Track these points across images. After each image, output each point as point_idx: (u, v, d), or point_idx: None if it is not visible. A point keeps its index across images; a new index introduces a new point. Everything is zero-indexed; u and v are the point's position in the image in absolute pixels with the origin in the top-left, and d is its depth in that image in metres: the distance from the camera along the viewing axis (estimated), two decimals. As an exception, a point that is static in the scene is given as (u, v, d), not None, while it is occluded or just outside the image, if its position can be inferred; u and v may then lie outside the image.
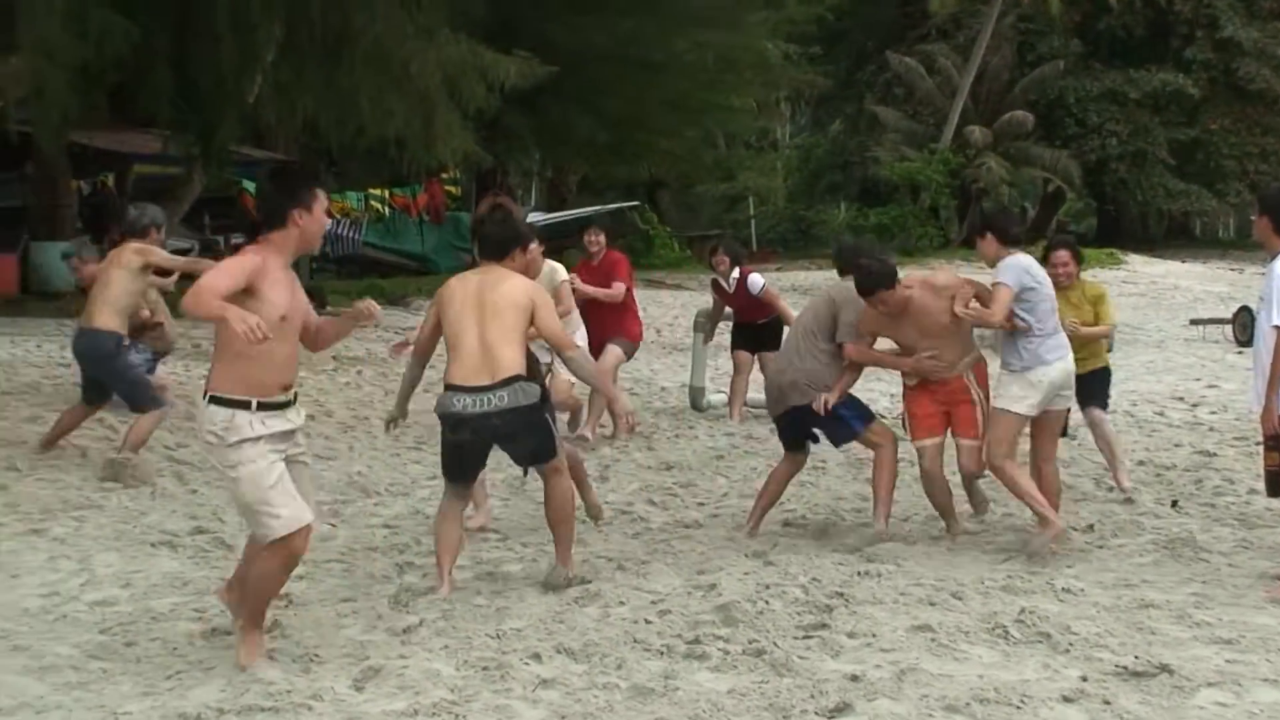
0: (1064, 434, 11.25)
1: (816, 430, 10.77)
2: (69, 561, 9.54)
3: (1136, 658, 7.20)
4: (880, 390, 16.92)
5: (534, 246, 13.12)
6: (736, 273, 16.46)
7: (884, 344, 10.60)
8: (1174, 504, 11.76)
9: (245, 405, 7.00)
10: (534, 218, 43.32)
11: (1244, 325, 24.40)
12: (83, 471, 12.42)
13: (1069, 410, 10.87)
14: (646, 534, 10.75)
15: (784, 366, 10.76)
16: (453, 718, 6.43)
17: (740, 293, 16.41)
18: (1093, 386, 11.92)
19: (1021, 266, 9.92)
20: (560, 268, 13.73)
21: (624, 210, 46.65)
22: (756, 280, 16.37)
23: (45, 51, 21.01)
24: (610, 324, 15.30)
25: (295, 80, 25.49)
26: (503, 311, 8.59)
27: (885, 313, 10.20)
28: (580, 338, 13.57)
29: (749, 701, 6.59)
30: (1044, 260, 11.25)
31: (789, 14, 43.37)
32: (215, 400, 7.05)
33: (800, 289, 32.67)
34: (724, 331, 17.75)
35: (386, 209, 37.03)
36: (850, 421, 10.58)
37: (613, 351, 15.17)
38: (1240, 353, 23.11)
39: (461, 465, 8.96)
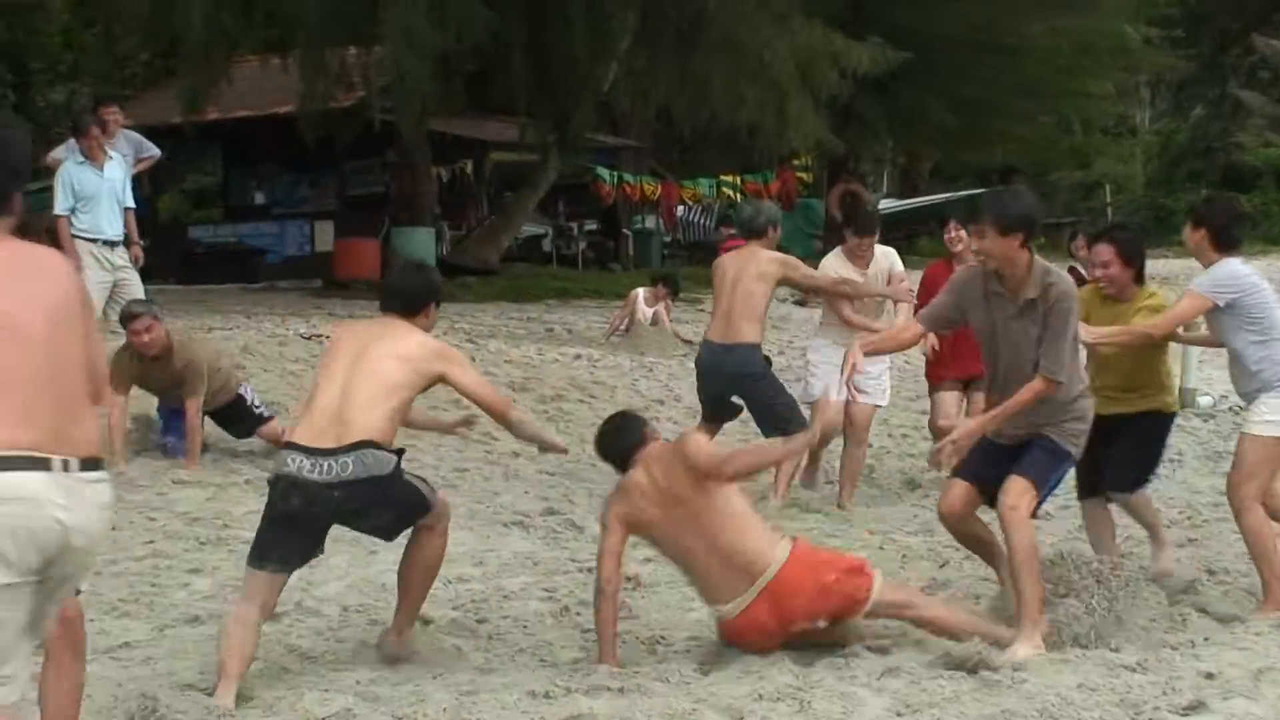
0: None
1: None
2: (425, 539, 9.77)
3: None
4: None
5: None
6: (1098, 258, 16.05)
7: None
8: None
9: None
10: (886, 205, 43.16)
11: None
12: (439, 452, 12.69)
13: None
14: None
15: None
16: (797, 704, 6.40)
17: (1099, 280, 15.99)
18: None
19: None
20: (893, 253, 12.65)
21: (976, 198, 46.09)
22: (1117, 266, 15.91)
23: (407, 40, 21.69)
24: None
25: (648, 67, 25.89)
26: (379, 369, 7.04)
27: None
28: (877, 391, 11.97)
29: (1099, 696, 6.43)
30: None
31: (1150, -4, 42.50)
32: None
33: (1157, 278, 31.80)
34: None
35: (738, 195, 37.17)
36: None
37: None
38: None
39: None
